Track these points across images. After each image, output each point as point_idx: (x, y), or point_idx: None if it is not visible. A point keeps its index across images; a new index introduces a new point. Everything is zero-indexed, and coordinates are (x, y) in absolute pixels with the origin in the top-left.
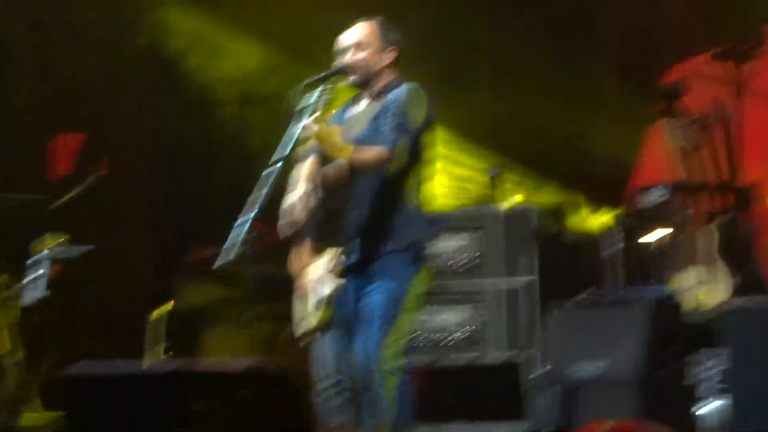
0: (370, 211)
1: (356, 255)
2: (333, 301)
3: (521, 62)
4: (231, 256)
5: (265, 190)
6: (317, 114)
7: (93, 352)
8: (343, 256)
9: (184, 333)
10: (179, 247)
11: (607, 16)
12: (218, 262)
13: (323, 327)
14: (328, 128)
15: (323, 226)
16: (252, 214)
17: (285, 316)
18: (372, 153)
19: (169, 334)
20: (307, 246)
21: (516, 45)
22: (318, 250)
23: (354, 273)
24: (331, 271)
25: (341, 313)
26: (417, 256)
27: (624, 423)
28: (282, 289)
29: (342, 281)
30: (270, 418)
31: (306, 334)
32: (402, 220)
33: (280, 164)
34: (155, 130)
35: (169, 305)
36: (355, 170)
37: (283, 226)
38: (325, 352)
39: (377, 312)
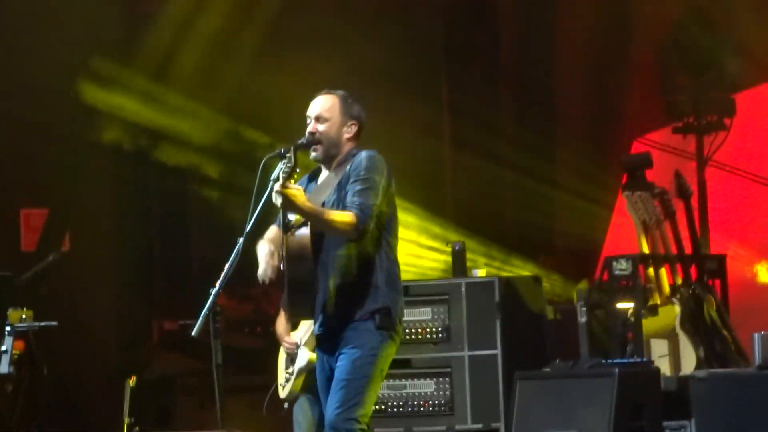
0: (336, 282)
1: (324, 326)
2: (304, 374)
3: (482, 134)
4: (193, 332)
5: (227, 265)
6: (280, 181)
7: (58, 427)
8: (313, 328)
9: (150, 406)
10: (143, 321)
11: (568, 89)
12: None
13: (293, 399)
14: (293, 190)
15: (291, 298)
16: (215, 290)
17: (254, 388)
18: (339, 215)
19: (134, 408)
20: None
21: (477, 117)
22: (290, 321)
23: (323, 343)
24: (306, 344)
25: (313, 383)
26: (381, 325)
27: None
28: (250, 361)
29: (313, 355)
30: None
31: (283, 401)
32: (367, 289)
33: (242, 239)
34: (118, 206)
35: (132, 380)
36: (320, 230)
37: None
38: (299, 421)
39: (341, 378)
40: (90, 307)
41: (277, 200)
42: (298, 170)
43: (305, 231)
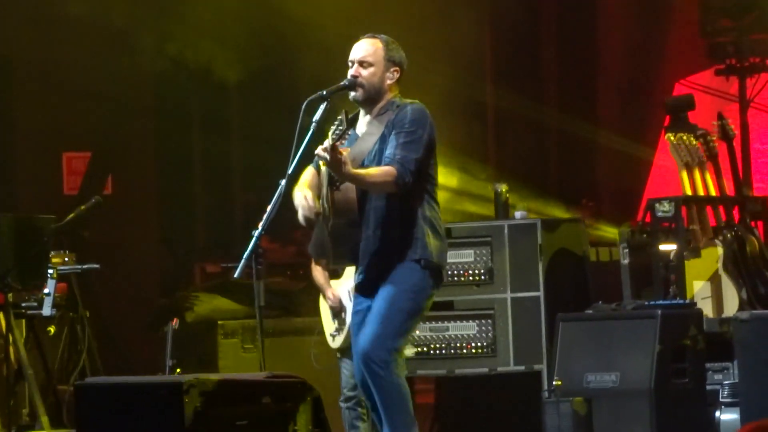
0: (379, 233)
1: (366, 274)
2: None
3: (523, 75)
4: (236, 274)
5: (270, 207)
6: (329, 141)
7: (100, 369)
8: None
9: (193, 348)
10: (186, 264)
11: (610, 32)
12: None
13: (344, 348)
14: (341, 156)
15: (334, 247)
16: (257, 232)
17: (295, 330)
18: (380, 174)
19: (176, 351)
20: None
21: (520, 62)
22: (332, 267)
23: (364, 289)
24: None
25: (353, 332)
26: (425, 267)
27: None
28: (292, 303)
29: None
30: (294, 427)
31: (336, 350)
32: (411, 239)
33: (284, 181)
34: (159, 149)
35: (175, 322)
36: (364, 190)
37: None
38: (345, 370)
39: (377, 310)
40: (132, 249)
41: (321, 162)
42: (350, 133)
43: (351, 185)
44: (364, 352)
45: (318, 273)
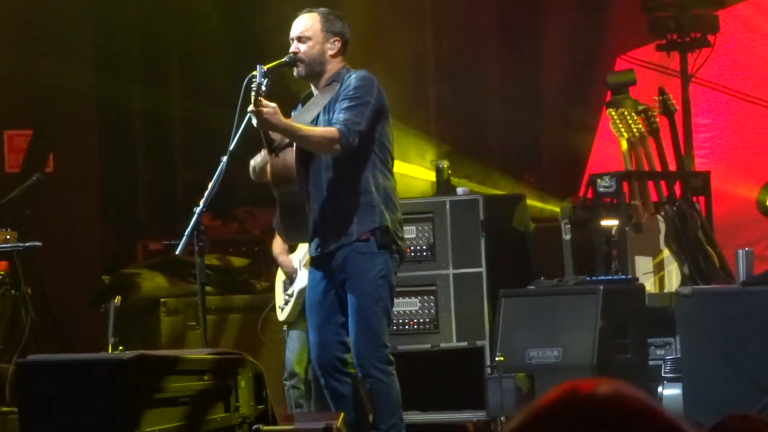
0: (330, 203)
1: (321, 247)
2: (304, 296)
3: (464, 51)
4: (177, 251)
5: (211, 184)
6: (253, 100)
7: (42, 347)
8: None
9: (135, 326)
10: (128, 241)
11: (551, 8)
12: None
13: (291, 321)
14: (266, 107)
15: (284, 220)
16: (198, 209)
17: (238, 307)
18: (319, 130)
19: (118, 329)
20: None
21: (461, 37)
22: (287, 243)
23: (320, 264)
24: (305, 265)
25: (308, 306)
26: (382, 243)
27: None
28: (233, 281)
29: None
30: (236, 403)
31: (282, 323)
32: (363, 208)
33: (226, 157)
34: (100, 126)
35: (117, 300)
36: (306, 150)
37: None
38: (290, 344)
39: (357, 309)
40: (74, 227)
41: (253, 120)
42: (264, 88)
43: (290, 152)
44: (358, 356)
45: (276, 244)
